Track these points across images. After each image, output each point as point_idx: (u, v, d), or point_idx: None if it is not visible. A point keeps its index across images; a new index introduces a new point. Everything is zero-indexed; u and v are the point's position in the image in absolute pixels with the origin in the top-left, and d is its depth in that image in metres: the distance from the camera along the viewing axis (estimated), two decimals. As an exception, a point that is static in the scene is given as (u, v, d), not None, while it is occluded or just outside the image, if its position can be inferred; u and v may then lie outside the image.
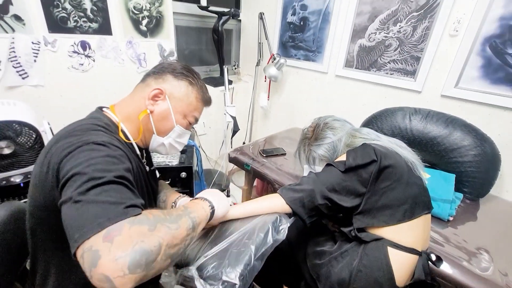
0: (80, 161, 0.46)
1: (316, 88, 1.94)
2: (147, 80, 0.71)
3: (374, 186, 0.77)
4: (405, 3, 1.39)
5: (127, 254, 0.37)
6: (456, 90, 1.33)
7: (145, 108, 0.67)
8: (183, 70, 0.71)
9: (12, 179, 1.07)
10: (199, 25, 2.07)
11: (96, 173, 0.45)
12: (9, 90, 1.21)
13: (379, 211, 0.78)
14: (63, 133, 0.55)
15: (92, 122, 0.60)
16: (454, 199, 1.13)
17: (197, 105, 0.74)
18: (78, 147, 0.49)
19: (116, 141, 0.56)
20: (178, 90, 0.70)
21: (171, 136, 0.72)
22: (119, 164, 0.50)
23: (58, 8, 1.25)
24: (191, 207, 0.58)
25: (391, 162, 0.77)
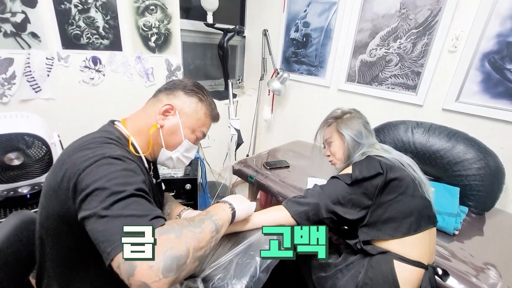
0: (99, 175, 0.49)
1: (319, 101, 1.97)
2: (159, 95, 0.73)
3: (379, 199, 0.78)
4: (405, 21, 1.44)
5: (160, 260, 0.41)
6: (457, 104, 1.35)
7: (155, 123, 0.69)
8: (194, 87, 0.74)
9: (20, 190, 1.09)
10: (205, 41, 2.14)
11: (116, 187, 0.47)
12: (22, 103, 1.26)
13: (384, 224, 0.78)
14: (77, 146, 0.57)
15: (104, 135, 0.62)
16: (459, 212, 1.12)
17: (206, 121, 0.76)
18: (96, 161, 0.51)
19: (128, 154, 0.59)
20: (188, 105, 0.72)
21: (179, 150, 0.74)
22: (136, 177, 0.52)
23: (73, 26, 1.31)
24: (213, 210, 0.61)
25: (397, 175, 0.78)
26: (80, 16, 1.32)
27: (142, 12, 1.53)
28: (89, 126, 1.50)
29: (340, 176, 0.82)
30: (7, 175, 1.05)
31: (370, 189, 0.78)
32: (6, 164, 1.02)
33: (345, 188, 0.79)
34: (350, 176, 0.80)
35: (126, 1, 1.45)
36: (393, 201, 0.77)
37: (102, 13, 1.38)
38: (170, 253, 0.43)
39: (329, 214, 0.78)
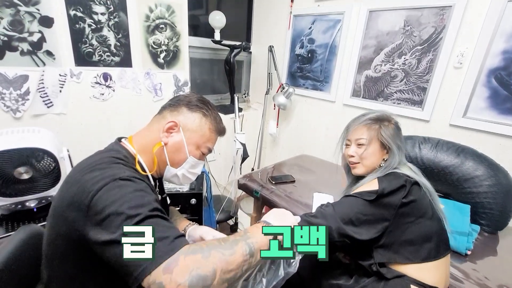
0: (112, 199, 0.49)
1: (324, 116, 1.98)
2: (163, 112, 0.73)
3: (397, 220, 0.75)
4: (409, 38, 1.45)
5: (186, 279, 0.43)
6: (465, 120, 1.34)
7: (159, 141, 0.70)
8: (198, 102, 0.73)
9: (28, 204, 1.11)
10: (212, 57, 2.20)
11: (131, 211, 0.48)
12: (34, 118, 1.29)
13: (402, 247, 0.75)
14: (85, 166, 0.58)
15: (111, 154, 0.62)
16: (471, 231, 1.09)
17: (210, 136, 0.75)
18: (106, 183, 0.51)
19: (136, 174, 0.60)
20: (192, 121, 0.72)
21: (184, 167, 0.74)
22: (148, 196, 0.53)
23: (86, 44, 1.36)
24: (251, 232, 0.58)
25: (416, 197, 0.76)
26: (93, 35, 1.37)
27: (152, 30, 1.58)
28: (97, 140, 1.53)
29: (358, 194, 0.78)
30: (15, 188, 1.06)
31: (390, 207, 0.75)
32: (15, 178, 1.04)
33: (364, 206, 0.76)
34: (376, 191, 0.76)
35: (137, 21, 1.51)
36: (412, 223, 0.75)
37: (114, 32, 1.44)
38: (197, 273, 0.44)
39: (341, 237, 0.75)
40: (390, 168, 0.84)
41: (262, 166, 2.44)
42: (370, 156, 0.87)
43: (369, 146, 0.87)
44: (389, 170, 0.84)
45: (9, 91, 1.20)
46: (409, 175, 0.81)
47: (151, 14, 1.55)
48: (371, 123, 0.89)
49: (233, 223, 2.09)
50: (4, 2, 1.12)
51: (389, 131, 0.87)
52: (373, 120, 0.89)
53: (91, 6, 1.33)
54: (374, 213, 0.75)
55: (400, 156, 0.86)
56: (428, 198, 0.80)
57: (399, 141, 0.88)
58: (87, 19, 1.33)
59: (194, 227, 0.86)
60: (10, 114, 1.23)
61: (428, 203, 0.79)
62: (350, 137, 0.94)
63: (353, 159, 0.91)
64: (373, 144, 0.87)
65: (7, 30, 1.15)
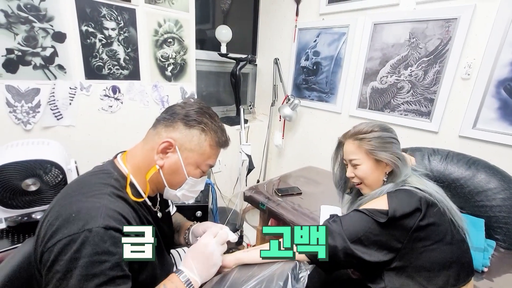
0: (67, 257, 0.48)
1: (330, 127, 1.97)
2: (158, 127, 0.67)
3: (412, 244, 0.69)
4: (415, 50, 1.46)
5: None
6: (475, 131, 1.31)
7: (154, 164, 0.64)
8: (196, 116, 0.65)
9: (34, 216, 1.11)
10: (218, 70, 2.23)
11: (78, 279, 0.47)
12: (44, 130, 1.32)
13: (416, 272, 0.70)
14: (71, 191, 0.58)
15: (101, 179, 0.60)
16: (486, 247, 1.04)
17: (211, 153, 0.68)
18: (69, 235, 0.49)
19: (116, 214, 0.55)
20: (190, 140, 0.65)
21: (184, 187, 0.69)
22: (106, 262, 0.50)
23: (96, 58, 1.40)
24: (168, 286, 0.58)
25: (435, 219, 0.70)
26: (103, 49, 1.41)
27: (161, 44, 1.62)
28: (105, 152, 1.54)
29: (368, 212, 0.72)
30: (22, 200, 1.07)
31: (404, 230, 0.68)
32: (23, 190, 1.04)
33: (374, 226, 0.69)
34: (386, 213, 0.69)
35: (146, 35, 1.55)
36: (427, 248, 0.69)
37: (123, 46, 1.48)
38: None
39: (347, 257, 0.69)
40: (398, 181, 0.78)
41: (267, 177, 2.42)
42: (368, 175, 0.82)
43: (363, 166, 0.82)
44: (399, 185, 0.78)
45: (20, 103, 1.23)
46: (421, 188, 0.75)
47: (159, 29, 1.59)
48: (355, 139, 0.84)
49: (238, 236, 2.06)
50: (20, 19, 1.16)
51: (376, 143, 0.80)
52: (356, 135, 0.84)
53: (102, 22, 1.38)
54: (386, 234, 0.69)
55: (403, 165, 0.80)
56: (448, 217, 0.73)
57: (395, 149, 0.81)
58: (98, 34, 1.38)
59: (197, 224, 0.84)
60: (21, 126, 1.25)
61: (448, 225, 0.72)
62: (345, 157, 0.89)
63: (355, 180, 0.86)
64: (366, 162, 0.82)
65: (21, 45, 1.19)
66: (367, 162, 0.82)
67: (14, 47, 1.17)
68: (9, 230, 1.06)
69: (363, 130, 0.84)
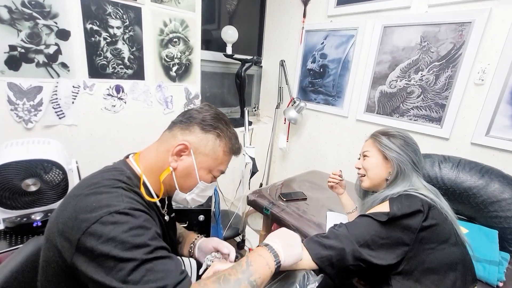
0: (105, 237, 0.46)
1: (336, 131, 1.93)
2: (174, 129, 0.67)
3: (418, 245, 0.69)
4: (426, 54, 1.42)
5: None
6: (488, 139, 1.27)
7: (168, 166, 0.64)
8: (212, 121, 0.66)
9: (33, 217, 1.08)
10: (223, 71, 2.21)
11: (125, 253, 0.46)
12: (45, 129, 1.29)
13: (424, 275, 0.69)
14: (85, 187, 0.56)
15: (114, 176, 0.59)
16: (501, 260, 1.00)
17: (224, 159, 0.70)
18: (99, 218, 0.48)
19: (136, 202, 0.55)
20: (205, 144, 0.65)
21: (194, 191, 0.69)
22: (145, 235, 0.49)
23: (100, 57, 1.38)
24: (254, 264, 0.56)
25: (438, 221, 0.71)
26: (108, 48, 1.39)
27: (166, 44, 1.60)
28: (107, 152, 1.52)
29: (372, 214, 0.74)
30: (21, 201, 1.04)
31: (409, 230, 0.69)
32: (23, 190, 1.02)
33: (378, 228, 0.71)
34: (387, 214, 0.71)
35: (152, 34, 1.52)
36: (434, 249, 0.69)
37: (128, 45, 1.45)
38: None
39: (356, 261, 0.69)
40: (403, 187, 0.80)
41: (271, 181, 2.38)
42: (373, 168, 0.88)
43: (372, 158, 0.89)
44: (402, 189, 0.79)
45: (22, 101, 1.20)
46: (426, 194, 0.76)
47: (165, 28, 1.57)
48: (375, 137, 0.91)
49: (240, 240, 2.02)
50: (23, 15, 1.14)
51: (392, 143, 0.85)
52: (378, 133, 0.92)
53: (108, 20, 1.36)
54: (391, 236, 0.70)
55: (410, 173, 0.82)
56: (450, 219, 0.75)
57: (412, 157, 0.84)
58: (102, 32, 1.35)
59: (203, 239, 0.82)
60: (22, 124, 1.22)
61: (451, 227, 0.74)
62: (360, 151, 0.97)
63: (360, 171, 0.93)
64: (375, 155, 0.88)
65: (25, 42, 1.16)
66: (376, 156, 0.88)
67: (17, 44, 1.15)
68: (7, 231, 1.03)
69: (387, 131, 0.90)
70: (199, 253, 0.80)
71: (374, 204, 0.82)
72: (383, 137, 0.88)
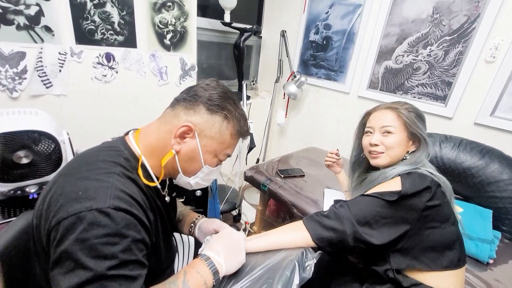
0: (75, 236, 0.43)
1: (337, 108, 1.88)
2: (177, 107, 0.60)
3: (420, 224, 0.69)
4: (437, 27, 1.34)
5: None
6: (492, 119, 1.25)
7: (170, 148, 0.59)
8: (219, 101, 0.59)
9: (27, 189, 1.05)
10: (221, 41, 2.08)
11: (89, 261, 0.43)
12: (32, 99, 1.22)
13: (422, 252, 0.69)
14: (77, 166, 0.53)
15: (111, 157, 0.55)
16: (493, 238, 1.02)
17: (231, 142, 0.64)
18: (78, 213, 0.44)
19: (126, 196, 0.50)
20: (211, 126, 0.59)
21: (199, 176, 0.65)
22: (118, 245, 0.45)
23: (87, 21, 1.26)
24: (190, 281, 0.54)
25: (442, 201, 0.70)
26: (95, 11, 1.27)
27: (159, 8, 1.47)
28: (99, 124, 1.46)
29: (378, 194, 0.71)
30: (15, 173, 1.01)
31: (413, 210, 0.68)
32: (15, 163, 0.98)
33: (383, 209, 0.69)
34: (398, 192, 0.68)
35: (143, -3, 1.40)
36: (435, 228, 0.69)
37: (118, 8, 1.33)
38: None
39: (356, 243, 0.68)
40: (415, 164, 0.77)
41: (268, 156, 2.37)
42: (397, 146, 0.79)
43: (397, 135, 0.79)
44: (414, 166, 0.76)
45: (4, 68, 1.12)
46: (435, 174, 0.74)
47: (158, -10, 1.43)
48: (393, 109, 0.81)
49: (237, 214, 2.05)
50: (-2, -31, 1.02)
51: (416, 119, 0.80)
52: (394, 105, 0.83)
53: (94, -22, 1.23)
54: (394, 216, 0.69)
55: (429, 150, 0.80)
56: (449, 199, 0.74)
57: (426, 133, 0.81)
58: (89, -8, 1.23)
59: (204, 219, 0.81)
60: (6, 93, 1.15)
61: (450, 207, 0.73)
62: (372, 124, 0.84)
63: (378, 148, 0.81)
64: (401, 133, 0.79)
65: (1, 1, 1.05)
66: (401, 133, 0.79)
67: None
68: (2, 204, 1.01)
69: (401, 103, 0.83)
70: (199, 233, 0.79)
71: (379, 181, 0.78)
72: (406, 111, 0.79)
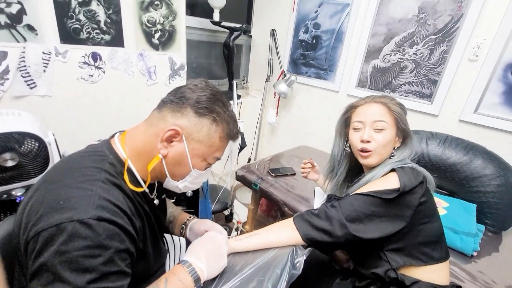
0: (55, 248, 0.42)
1: (326, 106, 1.90)
2: (164, 110, 0.58)
3: (414, 220, 0.68)
4: (422, 26, 1.37)
5: None
6: (476, 116, 1.28)
7: (157, 152, 0.58)
8: (208, 103, 0.58)
9: (14, 193, 1.02)
10: (210, 40, 2.07)
11: (68, 275, 0.42)
12: (15, 100, 1.18)
13: (415, 249, 0.70)
14: (61, 172, 0.51)
15: (95, 163, 0.53)
16: (477, 232, 1.06)
17: (220, 145, 0.63)
18: (59, 224, 0.43)
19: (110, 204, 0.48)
20: (199, 129, 0.58)
21: (187, 179, 0.64)
22: (100, 257, 0.44)
23: (72, 20, 1.23)
24: (170, 283, 0.54)
25: (428, 196, 0.71)
26: (80, 9, 1.24)
27: (146, 7, 1.45)
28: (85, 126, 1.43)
29: (376, 193, 0.67)
30: (0, 176, 0.98)
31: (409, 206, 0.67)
32: (0, 166, 0.95)
33: (379, 208, 0.67)
34: (397, 190, 0.66)
35: (130, -5, 1.37)
36: (426, 224, 0.70)
37: (104, 6, 1.30)
38: None
39: (348, 242, 0.68)
40: (403, 161, 0.76)
41: (259, 156, 2.37)
42: (387, 144, 0.75)
43: (389, 131, 0.75)
44: (403, 163, 0.75)
45: (-15, 69, 1.08)
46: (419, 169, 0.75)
47: (145, -11, 1.41)
48: (383, 103, 0.77)
49: (229, 213, 2.05)
50: (-24, -34, 0.98)
51: (402, 112, 0.78)
52: (382, 99, 0.78)
53: (78, -24, 1.20)
54: (389, 214, 0.67)
55: (413, 146, 0.79)
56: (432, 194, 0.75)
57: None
58: (73, -10, 1.20)
59: (196, 220, 0.80)
60: (-13, 94, 1.11)
61: (434, 202, 0.75)
62: (362, 119, 0.77)
63: (369, 145, 0.75)
64: (392, 129, 0.76)
65: (-19, -2, 1.02)
66: (392, 130, 0.76)
67: (-28, 0, 1.00)
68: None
69: (389, 97, 0.79)
70: (191, 234, 0.78)
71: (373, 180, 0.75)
72: (396, 107, 0.76)
